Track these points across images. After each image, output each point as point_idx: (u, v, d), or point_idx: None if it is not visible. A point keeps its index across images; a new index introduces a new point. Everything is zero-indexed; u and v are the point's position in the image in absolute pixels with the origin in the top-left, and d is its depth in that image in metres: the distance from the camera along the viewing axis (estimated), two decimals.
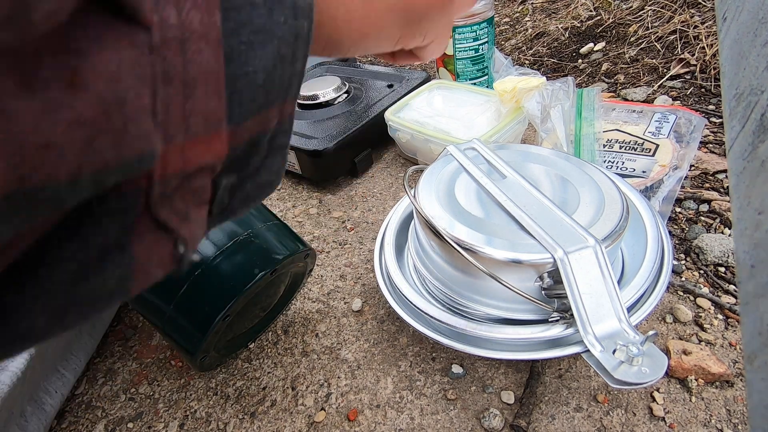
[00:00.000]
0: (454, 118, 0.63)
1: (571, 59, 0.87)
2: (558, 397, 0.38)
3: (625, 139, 0.57)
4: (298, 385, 0.43)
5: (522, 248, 0.33)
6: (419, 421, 0.38)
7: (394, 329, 0.46)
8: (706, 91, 0.68)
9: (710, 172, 0.55)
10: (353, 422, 0.39)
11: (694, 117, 0.54)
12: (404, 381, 0.41)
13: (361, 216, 0.61)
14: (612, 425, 0.36)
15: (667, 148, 0.54)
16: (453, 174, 0.42)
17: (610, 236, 0.33)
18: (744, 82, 0.19)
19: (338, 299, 0.50)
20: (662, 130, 0.55)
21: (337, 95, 0.74)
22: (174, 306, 0.35)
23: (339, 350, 0.45)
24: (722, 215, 0.50)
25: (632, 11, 0.89)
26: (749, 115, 0.17)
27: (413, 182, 0.44)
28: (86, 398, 0.46)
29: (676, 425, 0.35)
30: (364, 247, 0.56)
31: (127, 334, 0.51)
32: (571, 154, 0.55)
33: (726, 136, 0.20)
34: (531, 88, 0.58)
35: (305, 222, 0.62)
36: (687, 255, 0.47)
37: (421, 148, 0.63)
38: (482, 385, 0.40)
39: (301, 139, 0.65)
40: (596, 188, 0.38)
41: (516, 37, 1.02)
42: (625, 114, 0.60)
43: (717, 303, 0.42)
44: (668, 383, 0.38)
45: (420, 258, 0.42)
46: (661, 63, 0.75)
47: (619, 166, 0.55)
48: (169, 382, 0.45)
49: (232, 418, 0.41)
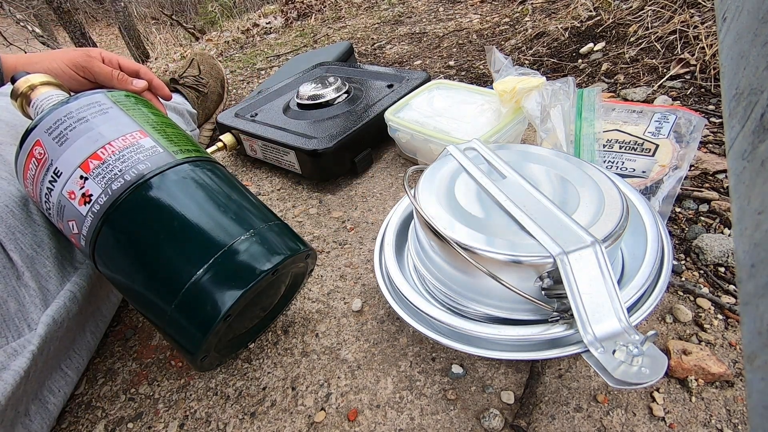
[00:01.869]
0: (454, 118, 0.63)
1: (571, 59, 0.87)
2: (558, 397, 0.38)
3: (625, 139, 0.57)
4: (298, 385, 0.43)
5: (522, 248, 0.33)
6: (419, 421, 0.38)
7: (394, 329, 0.46)
8: (705, 91, 0.68)
9: (710, 172, 0.55)
10: (353, 422, 0.39)
11: (694, 117, 0.54)
12: (404, 381, 0.41)
13: (361, 216, 0.61)
14: (612, 425, 0.36)
15: (667, 148, 0.53)
16: (453, 174, 0.42)
17: (610, 236, 0.33)
18: (744, 82, 0.19)
19: (338, 299, 0.50)
20: (662, 130, 0.55)
21: (337, 95, 0.74)
22: (175, 306, 0.35)
23: (339, 350, 0.45)
24: (722, 215, 0.50)
25: (632, 11, 0.89)
26: (749, 115, 0.17)
27: (413, 182, 0.44)
28: (86, 398, 0.46)
29: (676, 425, 0.35)
30: (364, 247, 0.56)
31: (127, 334, 0.51)
32: (571, 154, 0.55)
33: (726, 136, 0.20)
34: (531, 88, 0.58)
35: (305, 222, 0.62)
36: (687, 255, 0.47)
37: (421, 148, 0.63)
38: (482, 385, 0.40)
39: (301, 139, 0.65)
40: (596, 188, 0.38)
41: (516, 37, 1.02)
42: (625, 114, 0.60)
43: (717, 303, 0.42)
44: (668, 383, 0.38)
45: (420, 258, 0.42)
46: (661, 63, 0.75)
47: (619, 166, 0.54)
48: (169, 382, 0.45)
49: (231, 419, 0.41)
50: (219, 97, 0.94)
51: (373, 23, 1.41)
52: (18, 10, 4.52)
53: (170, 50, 2.13)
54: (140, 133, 0.40)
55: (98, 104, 0.41)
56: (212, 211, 0.38)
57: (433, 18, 1.32)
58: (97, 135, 0.39)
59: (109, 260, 0.38)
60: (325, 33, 1.45)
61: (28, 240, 0.42)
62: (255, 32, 1.75)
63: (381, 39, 1.26)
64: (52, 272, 0.42)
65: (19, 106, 0.48)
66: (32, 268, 0.41)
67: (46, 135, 0.39)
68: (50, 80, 0.48)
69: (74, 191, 0.38)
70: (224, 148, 0.74)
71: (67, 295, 0.42)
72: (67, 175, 0.38)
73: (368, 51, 1.21)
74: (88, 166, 0.38)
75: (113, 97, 0.43)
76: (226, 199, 0.39)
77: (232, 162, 0.80)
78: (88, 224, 0.38)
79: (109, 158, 0.38)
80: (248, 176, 0.75)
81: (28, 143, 0.40)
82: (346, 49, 1.03)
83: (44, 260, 0.42)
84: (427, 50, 1.11)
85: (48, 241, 0.43)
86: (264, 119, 0.74)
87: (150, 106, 0.46)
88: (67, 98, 0.42)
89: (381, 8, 1.53)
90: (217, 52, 1.57)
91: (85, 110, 0.40)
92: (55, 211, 0.40)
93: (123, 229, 0.37)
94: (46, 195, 0.39)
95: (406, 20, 1.36)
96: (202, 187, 0.39)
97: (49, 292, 0.41)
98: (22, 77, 0.48)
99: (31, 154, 0.40)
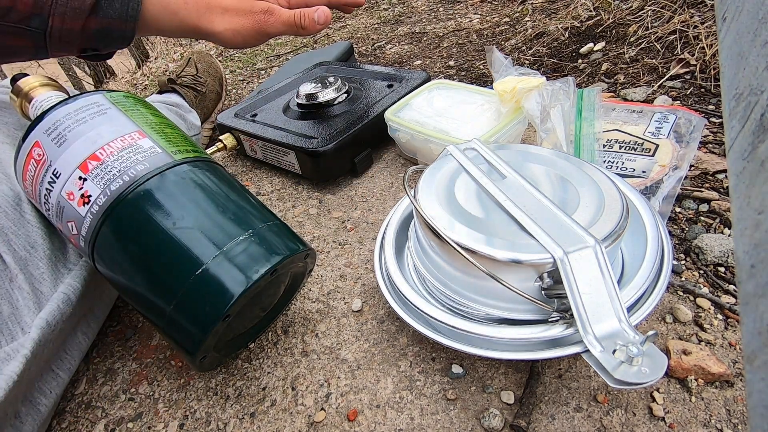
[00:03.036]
0: (454, 118, 0.63)
1: (571, 59, 0.87)
2: (558, 397, 0.38)
3: (625, 139, 0.57)
4: (298, 385, 0.43)
5: (521, 248, 0.33)
6: (419, 421, 0.38)
7: (394, 329, 0.46)
8: (705, 91, 0.68)
9: (710, 172, 0.55)
10: (353, 422, 0.39)
11: (694, 117, 0.54)
12: (404, 381, 0.41)
13: (361, 216, 0.61)
14: (612, 425, 0.36)
15: (666, 148, 0.53)
16: (453, 174, 0.42)
17: (610, 236, 0.33)
18: (744, 82, 0.19)
19: (338, 299, 0.50)
20: (662, 130, 0.55)
21: (337, 95, 0.74)
22: (174, 306, 0.35)
23: (339, 350, 0.45)
24: (722, 215, 0.50)
25: (632, 11, 0.89)
26: (749, 115, 0.17)
27: (413, 182, 0.44)
28: (86, 398, 0.46)
29: (676, 425, 0.35)
30: (364, 247, 0.56)
31: (127, 334, 0.51)
32: (571, 154, 0.56)
33: (726, 136, 0.20)
34: (531, 87, 0.58)
35: (305, 222, 0.62)
36: (687, 255, 0.47)
37: (421, 148, 0.63)
38: (482, 385, 0.40)
39: (301, 140, 0.65)
40: (596, 188, 0.38)
41: (516, 37, 1.02)
42: (625, 114, 0.60)
43: (717, 303, 0.42)
44: (668, 383, 0.38)
45: (420, 258, 0.42)
46: (660, 63, 0.75)
47: (619, 166, 0.55)
48: (169, 382, 0.45)
49: (231, 418, 0.41)
50: (217, 96, 0.94)
51: (373, 23, 1.41)
52: None
53: (170, 50, 2.13)
54: (139, 134, 0.40)
55: (97, 105, 0.41)
56: (211, 212, 0.38)
57: (433, 18, 1.31)
58: (96, 136, 0.39)
59: (108, 261, 0.38)
60: (325, 33, 1.45)
61: (21, 241, 0.41)
62: None
63: (381, 39, 1.26)
64: (45, 274, 0.42)
65: (18, 106, 0.48)
66: (25, 270, 0.41)
67: (45, 136, 0.39)
68: (50, 81, 0.48)
69: (73, 192, 0.38)
70: (224, 149, 0.74)
71: (60, 298, 0.41)
72: (66, 176, 0.38)
73: (368, 51, 1.21)
74: (87, 166, 0.38)
75: (112, 98, 0.43)
76: (224, 199, 0.39)
77: (232, 162, 0.80)
78: (87, 225, 0.38)
79: (107, 159, 0.38)
80: (248, 176, 0.75)
81: (27, 144, 0.40)
82: (346, 49, 1.03)
83: (38, 262, 0.42)
84: (427, 50, 1.11)
85: (41, 242, 0.43)
86: (264, 119, 0.74)
87: (149, 107, 0.45)
88: (66, 99, 0.42)
89: (381, 8, 1.53)
90: (216, 51, 1.57)
91: (83, 111, 0.40)
92: (55, 212, 0.40)
93: (122, 229, 0.37)
94: (45, 196, 0.39)
95: (406, 20, 1.36)
96: (200, 187, 0.39)
97: (42, 295, 0.41)
98: (22, 78, 0.48)
99: (30, 155, 0.40)
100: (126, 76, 1.91)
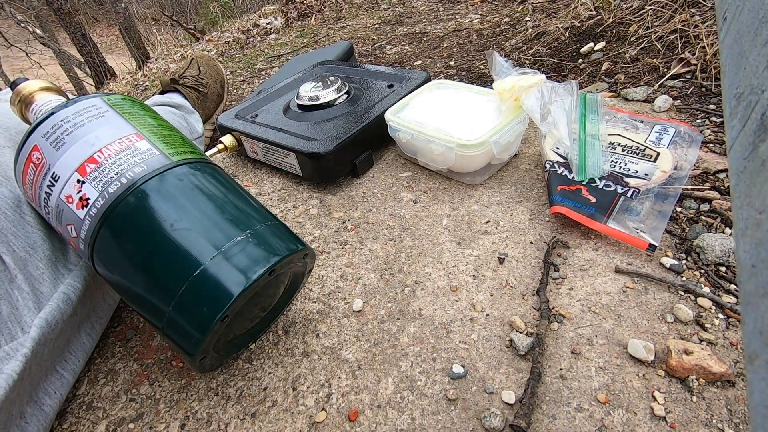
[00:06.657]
0: (454, 118, 0.63)
1: (572, 59, 0.87)
2: (559, 398, 0.38)
3: (628, 144, 0.58)
4: (299, 386, 0.43)
5: None
6: (420, 422, 0.38)
7: (394, 329, 0.46)
8: (706, 90, 0.68)
9: (711, 172, 0.55)
10: (354, 422, 0.39)
11: (693, 133, 0.56)
12: (405, 381, 0.41)
13: (362, 216, 0.61)
14: (613, 425, 0.36)
15: (667, 156, 0.54)
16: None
17: None
18: (744, 82, 0.19)
19: (339, 299, 0.50)
20: (662, 140, 0.57)
21: (338, 96, 0.74)
22: (173, 307, 0.35)
23: (340, 350, 0.45)
24: (723, 215, 0.50)
25: (632, 11, 0.89)
26: (749, 115, 0.17)
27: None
28: (87, 399, 0.46)
29: (677, 425, 0.35)
30: (364, 247, 0.56)
31: (128, 334, 0.51)
32: (575, 152, 0.56)
33: (726, 135, 0.20)
34: (530, 85, 0.58)
35: (306, 222, 0.62)
36: (688, 254, 0.47)
37: (422, 149, 0.63)
38: (483, 385, 0.40)
39: (301, 141, 0.65)
40: None
41: (516, 37, 1.02)
42: (626, 122, 0.62)
43: (718, 302, 0.42)
44: (669, 383, 0.38)
45: None
46: (661, 62, 0.75)
47: (622, 166, 0.55)
48: (170, 382, 0.45)
49: (233, 419, 0.41)
50: (219, 98, 0.94)
51: (374, 23, 1.41)
52: (19, 12, 4.53)
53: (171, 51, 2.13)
54: (136, 136, 0.40)
55: (94, 108, 0.41)
56: (209, 212, 0.38)
57: (434, 18, 1.31)
58: (94, 139, 0.39)
59: (107, 263, 0.38)
60: (325, 33, 1.45)
61: (21, 242, 0.42)
62: (255, 33, 1.75)
63: (381, 39, 1.26)
64: (45, 274, 0.42)
65: (18, 111, 0.48)
66: (25, 270, 0.41)
67: (44, 140, 0.39)
68: (49, 86, 0.48)
69: (72, 195, 0.38)
70: (225, 150, 0.74)
71: (60, 297, 0.42)
72: (65, 179, 0.38)
73: (368, 51, 1.21)
74: (85, 169, 0.38)
75: (110, 101, 0.43)
76: (222, 200, 0.39)
77: (233, 163, 0.80)
78: (86, 227, 0.38)
79: (105, 162, 0.38)
80: (249, 177, 0.75)
81: (26, 148, 0.40)
82: (346, 49, 1.03)
83: (37, 262, 0.42)
84: (427, 50, 1.11)
85: (41, 243, 0.43)
86: (264, 120, 0.74)
87: (147, 109, 0.46)
88: (65, 103, 0.42)
89: (381, 8, 1.53)
90: (217, 52, 1.57)
91: (81, 114, 0.40)
92: (54, 216, 0.40)
93: (120, 231, 0.37)
94: (44, 199, 0.40)
95: (407, 20, 1.36)
96: (198, 188, 0.39)
97: (42, 295, 0.41)
98: (22, 83, 0.48)
99: (29, 159, 0.40)
100: (126, 77, 1.91)
